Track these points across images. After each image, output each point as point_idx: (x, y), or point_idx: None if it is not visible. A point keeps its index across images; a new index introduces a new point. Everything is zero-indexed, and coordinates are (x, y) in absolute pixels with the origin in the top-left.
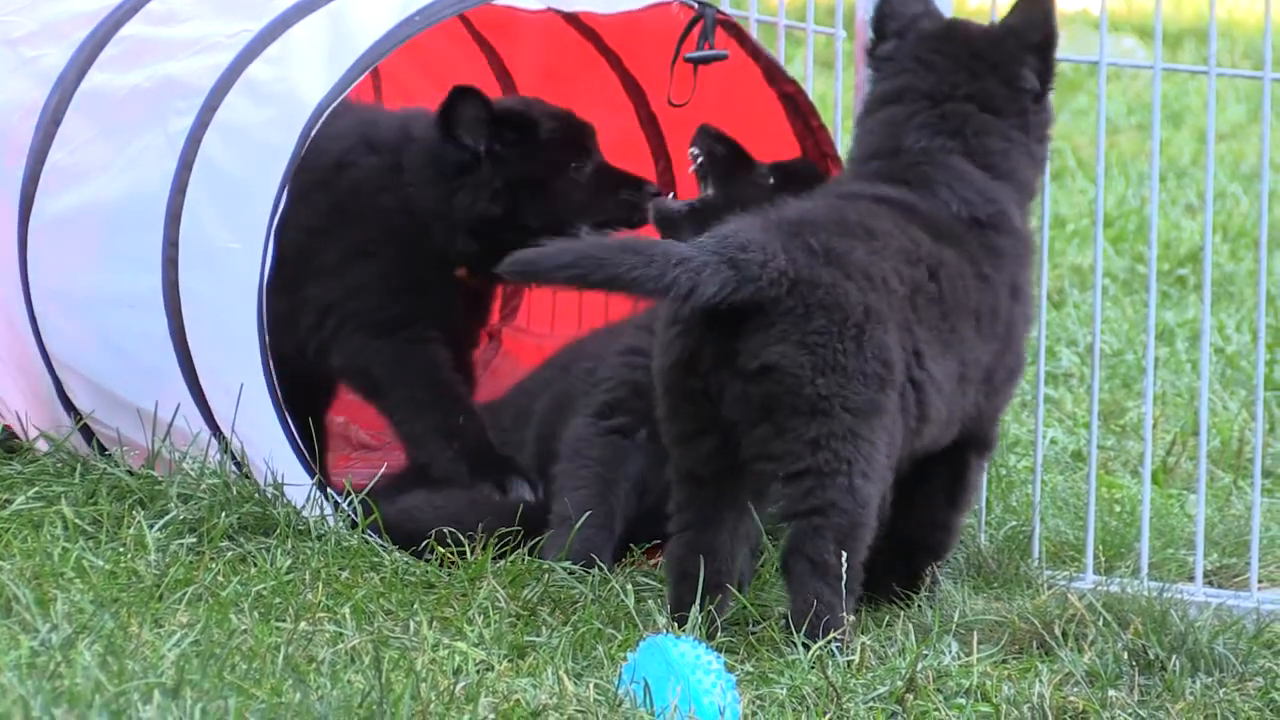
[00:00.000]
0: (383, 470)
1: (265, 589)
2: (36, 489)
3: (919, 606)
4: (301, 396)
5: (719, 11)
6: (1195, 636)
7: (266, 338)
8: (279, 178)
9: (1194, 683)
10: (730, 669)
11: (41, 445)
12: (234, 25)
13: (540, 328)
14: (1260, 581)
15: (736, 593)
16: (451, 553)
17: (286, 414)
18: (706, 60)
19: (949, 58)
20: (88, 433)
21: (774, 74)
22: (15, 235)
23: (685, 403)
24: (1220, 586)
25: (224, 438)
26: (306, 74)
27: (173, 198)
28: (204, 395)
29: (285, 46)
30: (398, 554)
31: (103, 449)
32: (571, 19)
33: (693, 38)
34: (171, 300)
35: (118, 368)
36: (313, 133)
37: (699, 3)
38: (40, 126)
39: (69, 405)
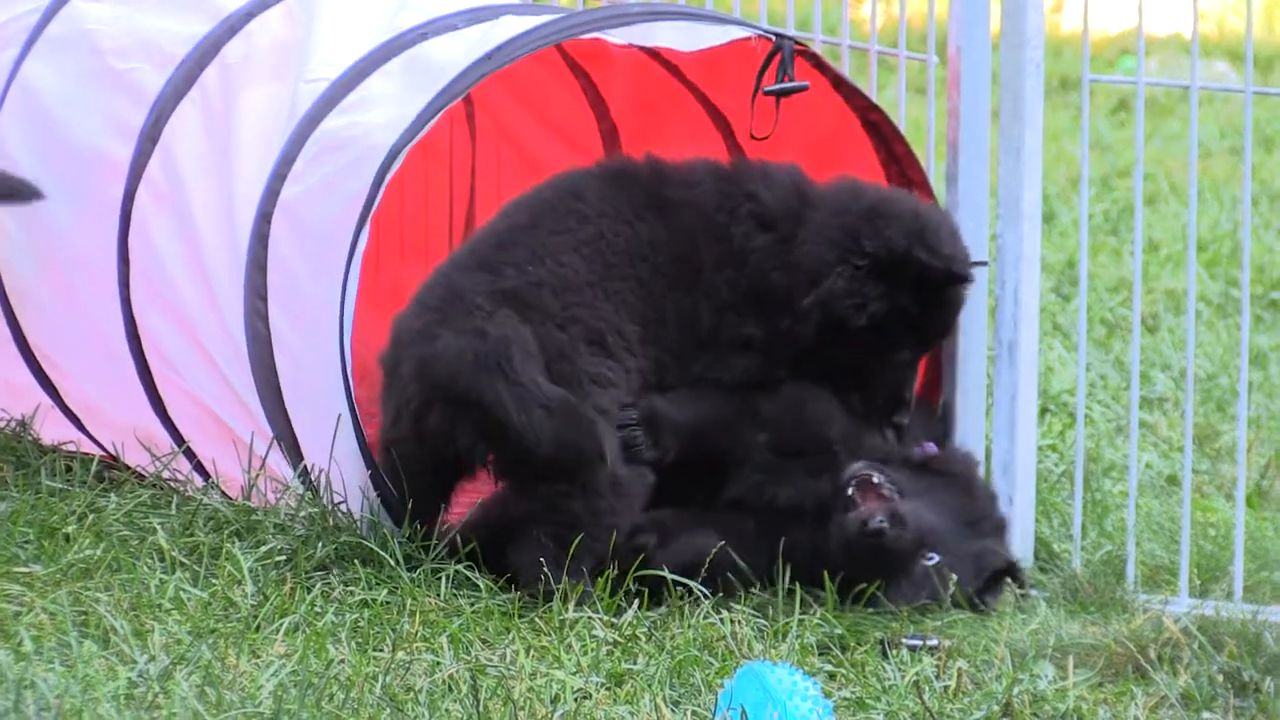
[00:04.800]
0: (478, 502)
1: (362, 619)
2: (134, 520)
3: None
4: None
5: (796, 42)
6: None
7: (351, 379)
8: (354, 222)
9: None
10: (827, 694)
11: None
12: (314, 72)
13: None
14: None
15: (833, 618)
16: (549, 582)
17: (371, 457)
18: (787, 92)
19: None
20: (189, 455)
21: (857, 101)
22: (115, 252)
23: None
24: None
25: (309, 471)
26: (380, 117)
27: (253, 247)
28: (294, 432)
29: (361, 94)
30: (492, 582)
31: (204, 474)
32: (653, 54)
33: (773, 70)
34: (256, 352)
35: (215, 394)
36: (388, 176)
37: (776, 34)
38: (139, 144)
39: (172, 429)
